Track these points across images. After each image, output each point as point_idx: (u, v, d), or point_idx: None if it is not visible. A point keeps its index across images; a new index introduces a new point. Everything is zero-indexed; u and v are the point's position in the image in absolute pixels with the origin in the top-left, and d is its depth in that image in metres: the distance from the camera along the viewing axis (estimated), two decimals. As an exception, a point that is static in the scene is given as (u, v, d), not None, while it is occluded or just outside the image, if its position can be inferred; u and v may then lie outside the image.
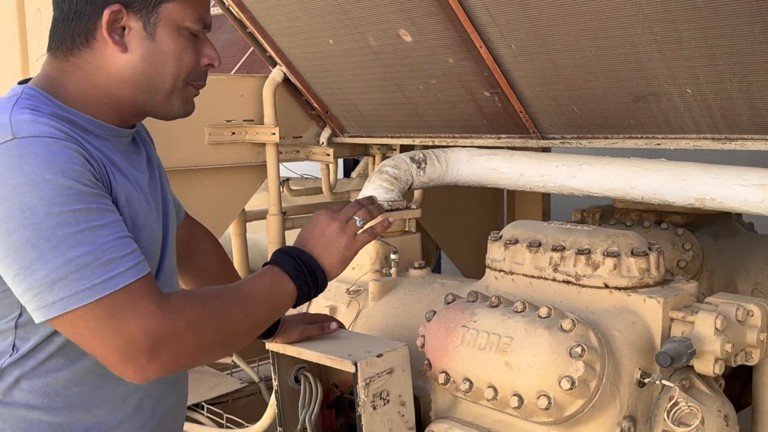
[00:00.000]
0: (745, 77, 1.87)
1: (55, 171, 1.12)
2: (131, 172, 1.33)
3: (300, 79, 2.97)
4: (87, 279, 1.11)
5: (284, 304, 1.35)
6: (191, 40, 1.32)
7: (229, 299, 1.26)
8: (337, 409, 1.81)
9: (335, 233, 1.42)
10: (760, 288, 2.47)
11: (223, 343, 1.26)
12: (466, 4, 2.16)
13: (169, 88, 1.33)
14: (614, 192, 2.14)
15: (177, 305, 1.18)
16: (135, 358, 1.14)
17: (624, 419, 1.49)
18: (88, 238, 1.12)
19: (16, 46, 2.77)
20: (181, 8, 1.29)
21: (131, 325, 1.13)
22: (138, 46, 1.28)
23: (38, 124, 1.16)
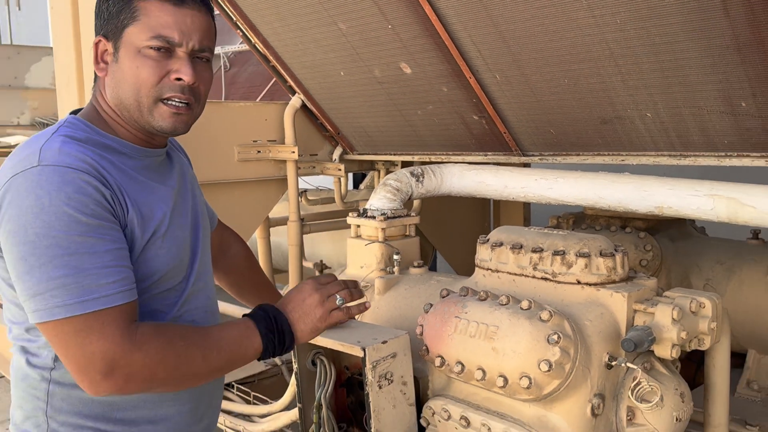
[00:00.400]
0: (696, 103, 1.87)
1: (62, 198, 1.11)
2: (157, 188, 1.31)
3: (316, 105, 2.98)
4: (61, 298, 1.09)
5: (246, 356, 1.28)
6: (156, 59, 1.22)
7: (193, 341, 1.20)
8: (348, 388, 1.80)
9: (314, 304, 1.36)
10: (710, 283, 2.46)
11: (175, 380, 1.20)
12: (457, 42, 2.16)
13: (135, 103, 1.24)
14: (585, 201, 2.14)
15: (141, 337, 1.14)
16: (90, 374, 1.12)
17: (594, 396, 1.48)
18: (74, 262, 1.10)
19: (74, 79, 2.77)
20: (138, 30, 1.22)
21: (93, 345, 1.10)
22: (110, 69, 1.26)
23: (63, 154, 1.15)
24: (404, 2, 2.13)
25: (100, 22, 1.27)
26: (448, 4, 2.05)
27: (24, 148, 1.19)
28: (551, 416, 1.50)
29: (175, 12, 1.22)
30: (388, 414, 1.59)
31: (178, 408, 1.34)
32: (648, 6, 1.69)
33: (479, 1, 1.96)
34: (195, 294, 1.37)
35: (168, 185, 1.35)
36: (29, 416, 1.27)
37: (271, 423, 2.39)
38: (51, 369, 1.24)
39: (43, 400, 1.25)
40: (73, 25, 2.75)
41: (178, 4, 1.22)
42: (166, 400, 1.32)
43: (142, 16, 1.21)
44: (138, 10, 1.21)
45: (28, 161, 1.14)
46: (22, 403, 1.28)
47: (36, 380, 1.25)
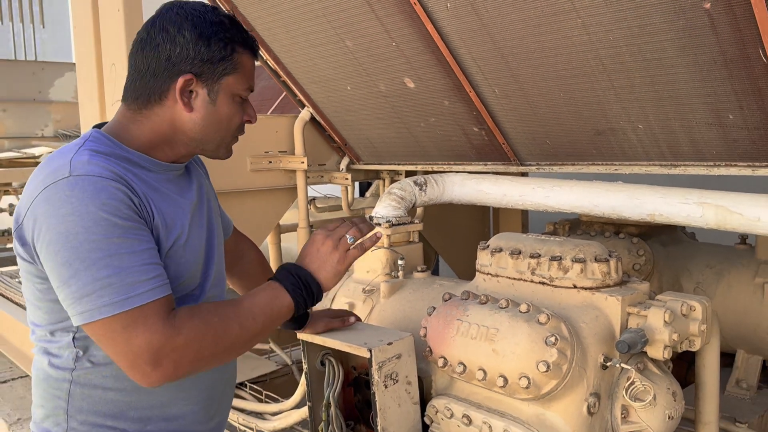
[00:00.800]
0: (685, 116, 1.87)
1: (98, 205, 1.12)
2: (177, 200, 1.32)
3: (324, 118, 2.98)
4: (109, 296, 1.11)
5: (281, 315, 1.30)
6: (240, 104, 1.34)
7: (227, 314, 1.22)
8: (356, 387, 1.80)
9: (329, 250, 1.36)
10: (700, 286, 2.45)
11: (220, 353, 1.21)
12: (458, 58, 2.17)
13: (219, 141, 1.35)
14: (580, 209, 2.13)
15: (179, 322, 1.15)
16: (140, 366, 1.13)
17: (590, 396, 1.48)
18: (116, 262, 1.12)
19: (95, 94, 2.79)
20: (236, 80, 1.30)
21: (139, 338, 1.12)
22: (201, 108, 1.29)
23: (92, 165, 1.16)
24: (408, 21, 2.14)
25: (185, 57, 1.25)
26: (450, 23, 2.05)
27: (53, 161, 1.19)
28: (549, 414, 1.49)
29: (253, 64, 1.36)
30: (393, 412, 1.58)
31: (191, 407, 1.35)
32: (639, 24, 1.70)
33: (479, 19, 1.97)
34: (210, 300, 1.38)
35: (186, 197, 1.36)
36: (50, 415, 1.27)
37: (282, 420, 2.39)
38: (72, 370, 1.25)
39: (64, 399, 1.25)
40: (95, 44, 2.76)
41: (255, 57, 1.36)
42: (180, 399, 1.33)
43: (240, 68, 1.31)
44: (238, 63, 1.30)
45: (60, 173, 1.15)
46: (44, 402, 1.28)
47: (57, 380, 1.26)
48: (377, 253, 2.13)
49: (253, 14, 2.57)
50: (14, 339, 4.19)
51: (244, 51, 1.31)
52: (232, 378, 1.52)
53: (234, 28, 1.30)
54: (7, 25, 9.42)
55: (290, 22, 2.47)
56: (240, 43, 1.30)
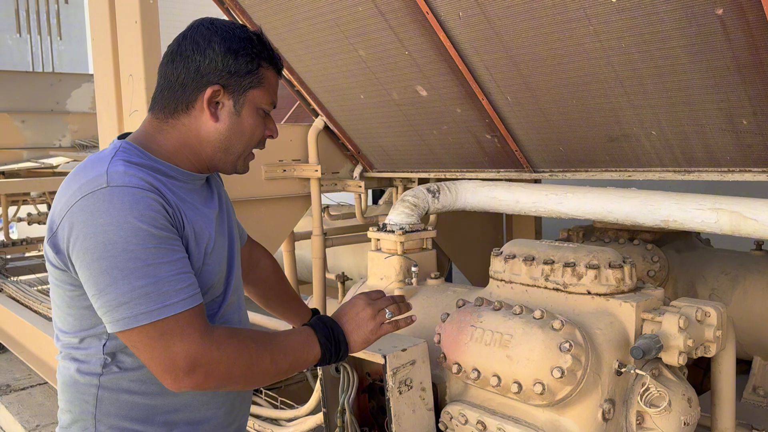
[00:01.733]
0: (699, 121, 1.86)
1: (136, 216, 1.15)
2: (202, 209, 1.35)
3: (337, 127, 3.00)
4: (146, 305, 1.13)
5: (306, 362, 1.32)
6: (263, 117, 1.38)
7: (263, 345, 1.24)
8: (370, 393, 1.81)
9: (367, 318, 1.38)
10: (716, 293, 2.44)
11: (247, 378, 1.24)
12: (470, 66, 2.18)
13: (241, 152, 1.38)
14: (594, 215, 2.13)
15: (219, 338, 1.19)
16: (174, 371, 1.15)
17: (605, 402, 1.47)
18: (152, 271, 1.14)
19: (113, 104, 2.83)
20: (262, 94, 1.35)
21: (177, 346, 1.14)
22: (227, 119, 1.33)
23: (128, 176, 1.19)
24: (420, 30, 2.16)
25: (213, 69, 1.29)
26: (462, 31, 2.07)
27: (87, 171, 1.21)
28: (564, 421, 1.49)
29: (277, 81, 1.40)
30: (407, 418, 1.59)
31: (215, 411, 1.37)
32: (651, 31, 1.70)
33: (491, 27, 1.98)
34: (230, 306, 1.40)
35: (210, 207, 1.40)
36: (77, 420, 1.29)
37: (297, 427, 2.39)
38: (100, 375, 1.26)
39: (92, 404, 1.27)
40: (112, 55, 2.80)
41: (279, 74, 1.41)
42: (205, 404, 1.35)
43: (265, 82, 1.35)
44: (263, 78, 1.34)
45: (96, 183, 1.17)
46: (71, 407, 1.30)
47: (85, 386, 1.28)
48: (391, 260, 2.14)
49: (267, 25, 2.60)
50: (33, 347, 4.24)
51: (269, 67, 1.36)
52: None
53: (261, 45, 1.34)
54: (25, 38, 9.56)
55: (304, 32, 2.50)
56: (266, 59, 1.34)
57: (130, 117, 2.68)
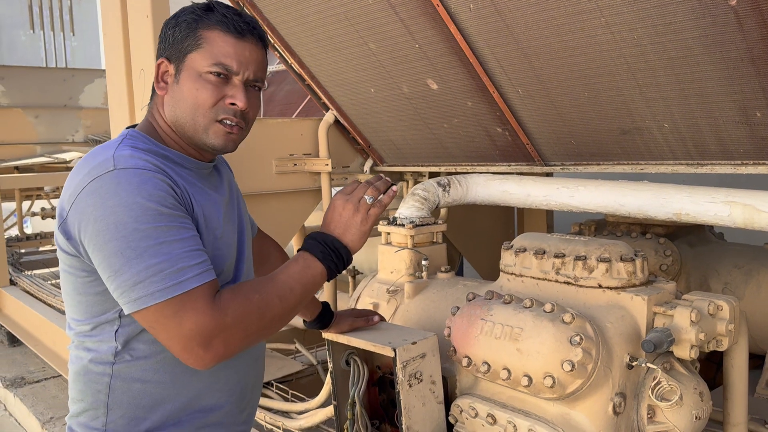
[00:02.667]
0: (712, 113, 1.85)
1: (144, 195, 1.15)
2: (211, 195, 1.36)
3: (348, 121, 3.00)
4: (161, 282, 1.13)
5: (316, 283, 1.30)
6: (214, 84, 1.28)
7: (266, 290, 1.23)
8: (380, 386, 1.81)
9: (350, 214, 1.33)
10: (729, 287, 2.42)
11: (266, 327, 1.23)
12: (481, 59, 2.17)
13: (191, 122, 1.30)
14: (605, 209, 2.12)
15: (224, 303, 1.17)
16: (193, 349, 1.14)
17: (616, 395, 1.47)
18: (165, 249, 1.14)
19: (125, 99, 2.84)
20: (200, 56, 1.27)
21: (189, 322, 1.13)
22: (170, 89, 1.31)
23: (134, 159, 1.20)
24: (431, 23, 2.15)
25: (164, 45, 1.32)
26: (473, 24, 2.06)
27: (95, 157, 1.23)
28: (574, 414, 1.49)
29: (235, 44, 1.28)
30: (417, 411, 1.59)
31: (226, 398, 1.38)
32: (664, 22, 1.69)
33: (502, 20, 1.97)
34: None
35: (219, 193, 1.40)
36: (88, 408, 1.30)
37: (307, 419, 2.41)
38: (112, 364, 1.27)
39: (105, 393, 1.28)
40: (124, 49, 2.82)
41: (239, 37, 1.28)
42: (216, 391, 1.36)
43: (205, 44, 1.27)
44: (202, 39, 1.27)
45: (104, 167, 1.18)
46: (83, 396, 1.31)
47: (97, 374, 1.29)
48: (401, 254, 2.14)
49: (278, 19, 2.60)
50: (47, 340, 4.29)
51: (214, 28, 1.27)
52: (262, 371, 1.55)
53: (206, 11, 1.28)
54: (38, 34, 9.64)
55: (314, 25, 2.50)
56: (211, 22, 1.27)
57: (142, 111, 2.70)
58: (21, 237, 6.77)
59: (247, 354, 1.43)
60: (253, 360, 1.46)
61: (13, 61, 9.78)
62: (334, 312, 1.69)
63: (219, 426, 1.37)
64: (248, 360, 1.43)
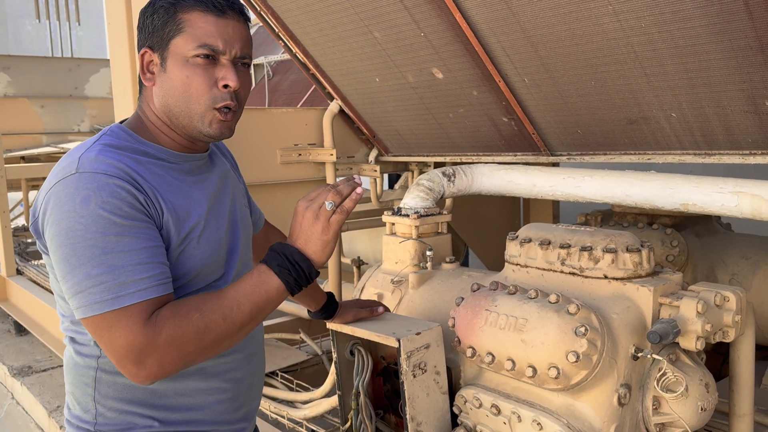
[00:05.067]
0: (720, 103, 1.83)
1: (98, 203, 1.13)
2: (191, 191, 1.31)
3: (352, 110, 2.99)
4: (99, 294, 1.11)
5: (271, 299, 1.21)
6: (203, 67, 1.23)
7: (210, 308, 1.16)
8: (385, 377, 1.81)
9: (310, 222, 1.23)
10: (736, 278, 2.41)
11: (206, 348, 1.17)
12: (487, 47, 2.15)
13: (186, 112, 1.26)
14: (612, 199, 2.11)
15: (159, 321, 1.13)
16: (127, 366, 1.13)
17: (621, 387, 1.47)
18: (109, 260, 1.12)
19: (129, 89, 2.84)
20: (184, 41, 1.23)
21: (121, 339, 1.11)
22: (158, 79, 1.27)
23: (98, 162, 1.17)
24: (436, 11, 2.13)
25: (144, 35, 1.28)
26: (478, 12, 2.04)
27: (66, 158, 1.22)
28: (579, 405, 1.49)
29: (217, 22, 1.23)
30: (422, 402, 1.59)
31: (216, 396, 1.35)
32: (672, 10, 1.67)
33: (508, 8, 1.95)
34: None
35: (205, 188, 1.35)
36: (79, 401, 1.30)
37: (312, 409, 2.42)
38: (98, 357, 1.27)
39: (92, 386, 1.28)
40: (128, 39, 2.82)
41: (219, 15, 1.24)
42: (203, 390, 1.33)
43: (187, 27, 1.22)
44: (183, 22, 1.23)
45: (68, 169, 1.17)
46: (73, 389, 1.31)
47: (84, 368, 1.28)
48: (406, 245, 2.14)
49: (282, 7, 2.59)
50: (54, 329, 4.32)
51: (193, 8, 1.23)
52: (260, 369, 1.52)
53: None
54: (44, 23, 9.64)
55: (319, 14, 2.49)
56: (187, 4, 1.23)
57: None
58: (27, 227, 6.79)
59: (239, 351, 1.39)
60: (246, 358, 1.42)
61: (19, 51, 9.82)
62: (338, 302, 1.69)
63: (211, 423, 1.35)
64: (239, 358, 1.40)
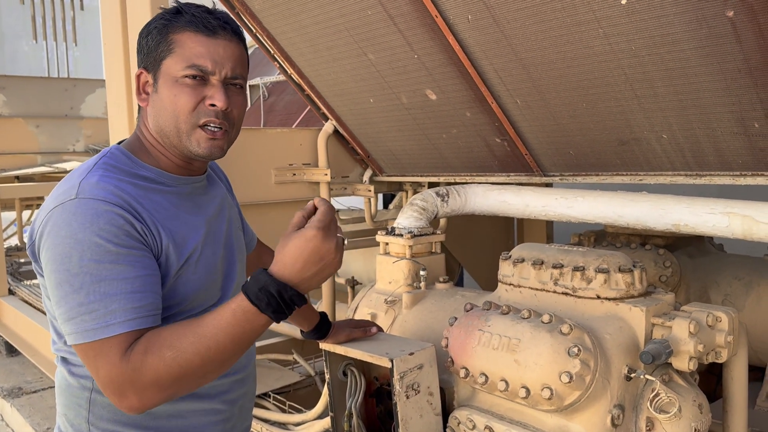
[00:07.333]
0: (710, 124, 1.85)
1: (95, 230, 1.12)
2: (188, 217, 1.30)
3: (347, 131, 3.01)
4: (90, 322, 1.11)
5: (254, 330, 1.13)
6: (192, 87, 1.23)
7: (184, 347, 1.10)
8: (378, 398, 1.80)
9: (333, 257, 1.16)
10: (729, 298, 2.41)
11: (186, 383, 1.12)
12: (480, 69, 2.17)
13: (174, 130, 1.25)
14: (604, 219, 2.11)
15: (134, 357, 1.10)
16: (109, 396, 1.12)
17: (614, 407, 1.46)
18: (103, 288, 1.11)
19: (124, 109, 2.85)
20: (174, 61, 1.23)
21: (103, 370, 1.11)
22: (151, 99, 1.28)
23: (98, 188, 1.16)
24: (429, 33, 2.16)
25: (141, 56, 1.29)
26: (471, 35, 2.06)
27: (66, 181, 1.21)
28: (572, 426, 1.48)
29: (207, 43, 1.23)
30: (415, 423, 1.58)
31: (209, 418, 1.35)
32: (661, 33, 1.69)
33: (500, 30, 1.98)
34: None
35: (202, 213, 1.35)
36: (72, 423, 1.29)
37: (304, 431, 2.39)
38: (92, 378, 1.24)
39: (86, 408, 1.26)
40: (124, 60, 2.83)
41: (210, 35, 1.23)
42: (197, 411, 1.33)
43: (177, 48, 1.23)
44: (173, 43, 1.23)
45: (68, 194, 1.17)
46: (66, 411, 1.30)
47: (78, 389, 1.27)
48: (399, 265, 2.14)
49: (277, 29, 2.61)
50: (45, 350, 4.28)
51: (184, 30, 1.23)
52: (252, 390, 1.51)
53: (175, 14, 1.24)
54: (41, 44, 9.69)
55: (313, 36, 2.51)
56: (180, 25, 1.23)
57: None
58: (21, 246, 6.77)
59: (233, 374, 1.39)
60: (239, 381, 1.42)
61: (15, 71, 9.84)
62: (331, 322, 1.68)
63: None
64: (233, 380, 1.39)
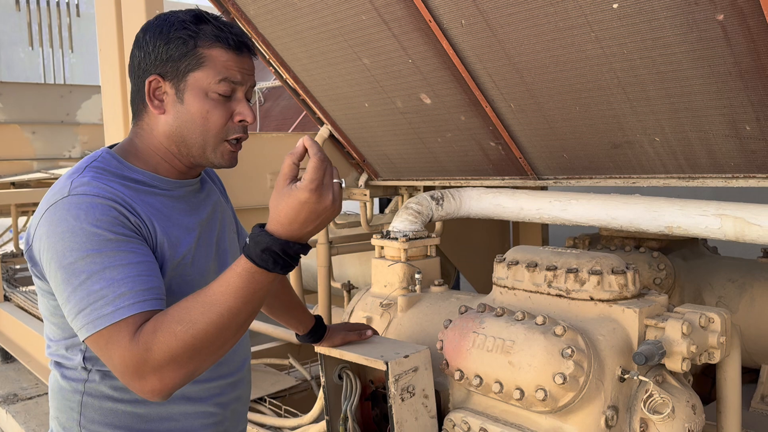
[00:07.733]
0: (702, 127, 1.86)
1: (90, 221, 1.13)
2: (181, 219, 1.31)
3: (342, 135, 3.01)
4: (101, 309, 1.10)
5: (263, 288, 1.10)
6: (221, 101, 1.26)
7: (192, 320, 1.07)
8: (373, 401, 1.80)
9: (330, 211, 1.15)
10: (723, 300, 2.42)
11: (202, 355, 1.09)
12: (474, 74, 2.19)
13: (201, 143, 1.28)
14: (598, 222, 2.12)
15: (144, 337, 1.07)
16: (130, 381, 1.09)
17: (608, 408, 1.46)
18: (109, 274, 1.11)
19: (120, 115, 2.86)
20: (204, 75, 1.24)
21: (116, 356, 1.08)
22: (172, 109, 1.27)
23: (90, 186, 1.17)
24: (423, 38, 2.17)
25: (151, 61, 1.27)
26: (465, 39, 2.08)
27: (57, 184, 1.22)
28: (567, 427, 1.48)
29: (236, 59, 1.27)
30: (410, 426, 1.58)
31: (202, 421, 1.34)
32: (653, 37, 1.70)
33: (493, 35, 1.99)
34: None
35: (195, 216, 1.35)
36: (64, 426, 1.29)
37: (301, 435, 2.39)
38: (84, 381, 1.26)
39: (77, 411, 1.26)
40: (119, 66, 2.84)
41: (238, 52, 1.27)
42: (190, 414, 1.33)
43: (208, 62, 1.25)
44: (204, 57, 1.24)
45: (60, 194, 1.18)
46: (58, 414, 1.30)
47: (70, 392, 1.27)
48: (394, 268, 2.14)
49: (273, 34, 2.62)
50: (41, 356, 4.26)
51: (214, 45, 1.24)
52: (246, 394, 1.51)
53: (198, 24, 1.25)
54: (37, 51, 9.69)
55: (308, 41, 2.52)
56: (207, 38, 1.24)
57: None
58: (16, 253, 6.75)
59: (225, 377, 1.39)
60: (231, 384, 1.41)
61: (11, 78, 9.83)
62: (327, 326, 1.69)
63: None
64: (225, 384, 1.39)
